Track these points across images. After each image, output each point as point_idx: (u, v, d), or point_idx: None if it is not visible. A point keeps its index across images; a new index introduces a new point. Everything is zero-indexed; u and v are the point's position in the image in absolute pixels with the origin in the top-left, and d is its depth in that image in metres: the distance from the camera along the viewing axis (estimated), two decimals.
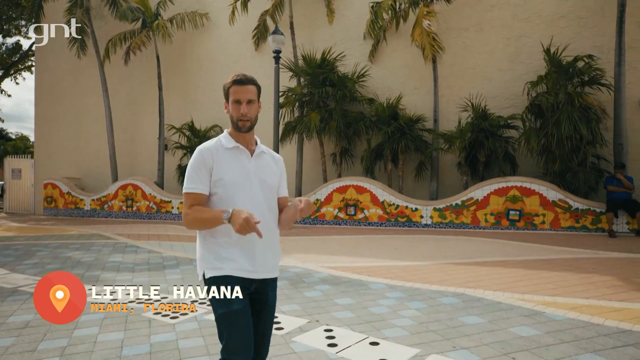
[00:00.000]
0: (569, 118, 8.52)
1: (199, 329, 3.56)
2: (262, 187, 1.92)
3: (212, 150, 1.87)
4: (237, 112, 1.89)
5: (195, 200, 1.84)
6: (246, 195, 1.86)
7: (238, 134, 1.94)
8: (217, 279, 1.80)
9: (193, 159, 1.88)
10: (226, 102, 1.95)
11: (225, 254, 1.83)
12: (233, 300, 1.77)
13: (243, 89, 1.89)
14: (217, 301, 1.78)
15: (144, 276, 5.48)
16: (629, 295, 4.49)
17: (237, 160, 1.90)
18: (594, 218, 8.89)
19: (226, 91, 1.93)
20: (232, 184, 1.85)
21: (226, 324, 1.76)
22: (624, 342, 3.27)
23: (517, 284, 5.00)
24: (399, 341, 3.29)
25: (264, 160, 1.99)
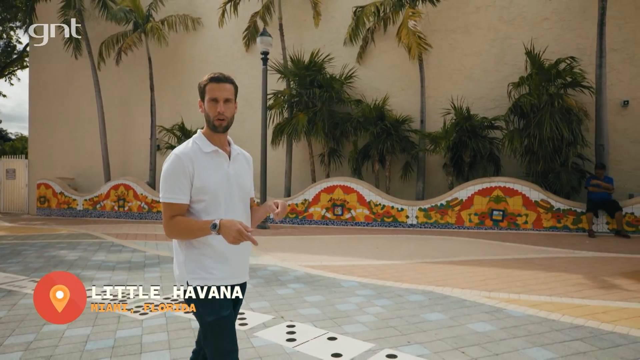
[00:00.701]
0: (550, 119, 8.63)
1: (166, 324, 3.67)
2: (240, 192, 1.89)
3: (191, 156, 1.78)
4: (213, 111, 1.81)
5: (175, 210, 1.76)
6: (227, 201, 1.82)
7: (213, 135, 1.86)
8: (202, 289, 1.78)
9: (171, 165, 1.77)
10: (201, 100, 1.86)
11: (210, 263, 1.80)
12: (222, 307, 1.77)
13: (220, 87, 1.82)
14: (205, 309, 1.76)
15: (122, 275, 5.59)
16: (591, 293, 4.61)
17: (217, 165, 1.83)
18: (575, 218, 9.01)
19: (202, 89, 1.84)
20: (215, 191, 1.79)
21: (216, 330, 1.75)
22: (573, 337, 3.38)
23: (487, 282, 5.11)
24: (357, 336, 3.40)
25: (240, 163, 1.94)
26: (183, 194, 1.76)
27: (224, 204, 1.80)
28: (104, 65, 14.92)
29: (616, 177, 9.63)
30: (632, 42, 9.58)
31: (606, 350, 3.13)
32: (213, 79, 1.83)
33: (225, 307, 1.78)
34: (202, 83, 1.85)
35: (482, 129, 10.11)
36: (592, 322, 3.72)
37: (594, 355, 3.03)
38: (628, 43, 9.62)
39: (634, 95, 9.58)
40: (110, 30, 14.79)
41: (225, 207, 1.81)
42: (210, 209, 1.78)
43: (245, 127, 13.33)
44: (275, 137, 11.63)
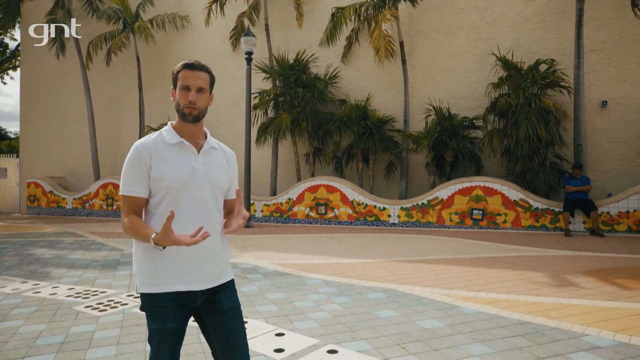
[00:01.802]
0: (526, 119, 8.72)
1: (122, 320, 3.75)
2: (211, 188, 1.73)
3: (149, 147, 1.66)
4: (184, 99, 1.68)
5: (131, 204, 1.66)
6: (191, 198, 1.67)
7: (184, 126, 1.72)
8: (152, 297, 1.66)
9: (128, 157, 1.66)
10: (173, 88, 1.73)
11: (158, 268, 1.65)
12: (167, 319, 1.65)
13: (194, 75, 1.68)
14: (151, 317, 1.67)
15: (93, 273, 5.67)
16: (548, 290, 4.70)
17: (181, 158, 1.68)
18: (552, 217, 9.10)
19: (174, 76, 1.71)
20: (175, 185, 1.65)
21: (157, 340, 1.66)
22: (516, 333, 3.46)
23: (451, 280, 5.19)
24: (305, 333, 3.49)
25: (213, 157, 1.77)
26: (138, 187, 1.64)
27: (190, 198, 1.67)
28: (93, 65, 15.03)
29: (595, 177, 9.73)
30: (610, 43, 9.66)
31: (543, 345, 3.21)
32: (187, 66, 1.70)
33: (170, 319, 1.65)
34: (175, 70, 1.72)
35: (462, 129, 10.19)
36: (540, 318, 3.81)
37: (529, 350, 3.12)
38: (607, 44, 9.70)
39: (612, 96, 9.67)
40: (100, 31, 14.87)
41: (189, 204, 1.66)
42: (171, 205, 1.64)
43: (233, 128, 13.42)
44: (260, 136, 11.70)
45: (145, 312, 1.69)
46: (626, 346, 3.19)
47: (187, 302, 1.68)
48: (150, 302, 1.66)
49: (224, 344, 1.73)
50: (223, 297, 1.76)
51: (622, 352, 3.08)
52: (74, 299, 4.43)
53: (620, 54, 9.60)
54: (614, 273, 5.52)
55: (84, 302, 4.28)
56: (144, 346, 3.18)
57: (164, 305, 1.65)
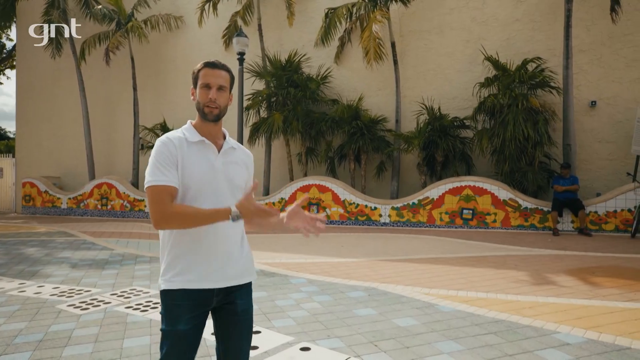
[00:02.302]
0: (514, 119, 8.77)
1: (102, 319, 3.80)
2: (231, 188, 1.72)
3: (175, 143, 1.63)
4: (204, 97, 1.67)
5: (167, 193, 1.57)
6: (212, 197, 1.65)
7: (204, 125, 1.71)
8: (168, 293, 1.63)
9: (158, 149, 1.62)
10: (193, 87, 1.72)
11: (178, 265, 1.63)
12: (180, 320, 1.60)
13: (214, 73, 1.68)
14: (163, 316, 1.63)
15: (80, 272, 5.72)
16: (527, 289, 4.75)
17: (203, 157, 1.67)
18: (541, 217, 9.16)
19: (195, 75, 1.71)
20: (197, 184, 1.63)
21: (167, 341, 1.61)
22: (489, 330, 3.53)
23: (433, 279, 5.25)
24: (281, 331, 3.54)
25: (233, 157, 1.77)
26: (170, 176, 1.58)
27: (210, 197, 1.65)
28: (88, 65, 15.09)
29: (584, 177, 9.80)
30: (599, 43, 9.72)
31: (513, 342, 3.27)
32: (208, 64, 1.69)
33: (183, 319, 1.60)
34: (195, 68, 1.72)
35: (453, 129, 10.25)
36: (515, 317, 3.87)
37: (499, 348, 3.18)
38: (596, 44, 9.75)
39: (601, 96, 9.73)
40: (95, 31, 14.91)
41: (213, 200, 1.64)
42: (192, 201, 1.63)
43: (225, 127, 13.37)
44: (252, 136, 11.76)
45: (161, 312, 1.65)
46: (594, 343, 3.25)
47: (202, 303, 1.65)
48: (165, 299, 1.63)
49: (228, 344, 1.71)
50: (238, 298, 1.73)
51: (589, 349, 3.14)
52: (58, 297, 4.48)
53: (609, 54, 9.66)
54: (594, 272, 5.58)
55: (67, 301, 4.34)
56: (121, 344, 3.24)
57: (178, 303, 1.61)
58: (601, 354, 3.06)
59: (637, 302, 4.26)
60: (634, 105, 9.35)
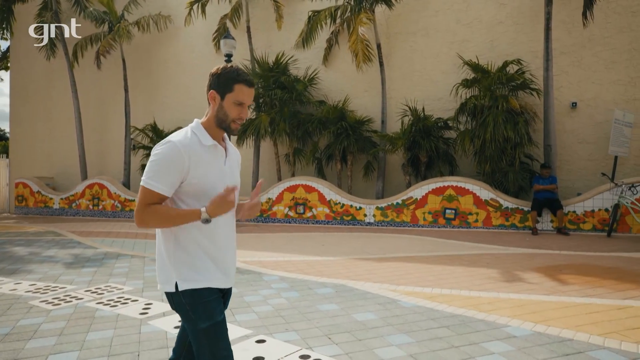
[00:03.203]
0: (493, 121, 8.91)
1: (71, 313, 3.93)
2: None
3: (189, 148, 1.62)
4: (236, 114, 1.69)
5: (155, 200, 1.60)
6: None
7: (215, 130, 1.73)
8: (196, 292, 1.66)
9: (166, 154, 1.59)
10: (217, 93, 1.69)
11: (201, 265, 1.68)
12: (215, 312, 1.67)
13: (250, 92, 1.71)
14: (199, 315, 1.64)
15: (60, 269, 5.85)
16: (492, 286, 4.88)
17: (215, 161, 1.71)
18: (522, 216, 9.29)
19: (227, 84, 1.68)
20: (210, 188, 1.67)
21: (212, 336, 1.64)
22: (442, 324, 3.66)
23: (403, 277, 5.38)
24: (242, 325, 3.67)
25: (233, 158, 1.85)
26: (169, 187, 1.60)
27: None
28: (81, 66, 15.23)
29: (565, 177, 9.93)
30: (580, 46, 9.86)
31: (462, 335, 3.40)
32: (247, 82, 1.69)
33: (219, 311, 1.68)
34: (229, 77, 1.68)
35: (436, 130, 10.38)
36: (472, 311, 4.00)
37: (447, 340, 3.31)
38: (576, 47, 9.89)
39: (582, 98, 9.87)
40: (87, 33, 15.02)
41: None
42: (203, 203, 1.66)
43: None
44: (240, 137, 11.89)
45: (190, 314, 1.65)
46: (540, 335, 3.38)
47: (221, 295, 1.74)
48: (194, 298, 1.64)
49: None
50: (229, 295, 1.86)
51: (532, 341, 3.27)
52: (33, 294, 4.61)
53: (589, 56, 9.80)
54: (562, 270, 5.71)
55: (41, 297, 4.47)
56: (84, 337, 3.36)
57: (210, 299, 1.66)
58: (542, 345, 3.19)
59: (592, 297, 4.40)
60: (613, 106, 9.49)
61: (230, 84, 1.67)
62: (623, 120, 8.88)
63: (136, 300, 4.39)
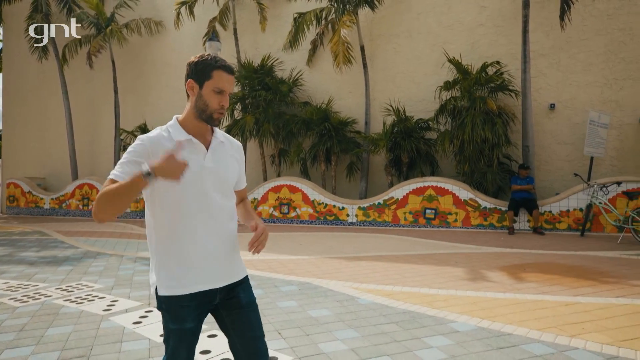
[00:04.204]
0: (471, 122, 9.06)
1: (37, 310, 4.07)
2: (221, 186, 1.69)
3: (156, 143, 1.58)
4: (216, 103, 1.62)
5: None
6: (198, 197, 1.64)
7: (195, 123, 1.66)
8: (171, 299, 1.62)
9: (133, 148, 1.58)
10: (195, 82, 1.62)
11: (178, 270, 1.63)
12: (186, 319, 1.63)
13: (230, 79, 1.63)
14: (170, 317, 1.64)
15: (37, 268, 5.99)
16: (453, 284, 5.02)
17: (189, 156, 1.60)
18: (499, 216, 9.44)
19: (205, 72, 1.61)
20: (180, 185, 1.58)
21: (175, 339, 1.64)
22: (392, 320, 3.79)
23: (369, 275, 5.52)
24: None
25: (222, 153, 1.72)
26: (125, 175, 1.53)
27: (196, 197, 1.63)
28: (72, 67, 15.39)
29: (544, 177, 10.08)
30: (557, 48, 10.01)
31: (408, 330, 3.54)
32: (225, 67, 1.63)
33: (189, 319, 1.64)
34: (206, 64, 1.61)
35: (417, 131, 10.53)
36: (424, 308, 4.14)
37: (391, 335, 3.45)
38: (554, 49, 10.04)
39: (560, 99, 10.01)
40: (78, 34, 15.16)
41: (200, 200, 1.64)
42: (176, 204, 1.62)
43: None
44: None
45: (164, 312, 1.66)
46: (482, 330, 3.52)
47: (206, 301, 1.68)
48: (170, 303, 1.63)
49: (243, 337, 1.73)
50: (241, 292, 1.77)
51: (473, 335, 3.41)
52: (4, 292, 4.75)
53: (566, 58, 9.94)
54: (526, 268, 5.85)
55: (11, 295, 4.60)
56: (43, 332, 3.50)
57: (185, 305, 1.63)
58: (481, 339, 3.33)
59: (546, 294, 4.54)
60: (590, 108, 9.63)
61: (208, 71, 1.60)
62: (598, 121, 9.02)
63: (103, 298, 4.53)
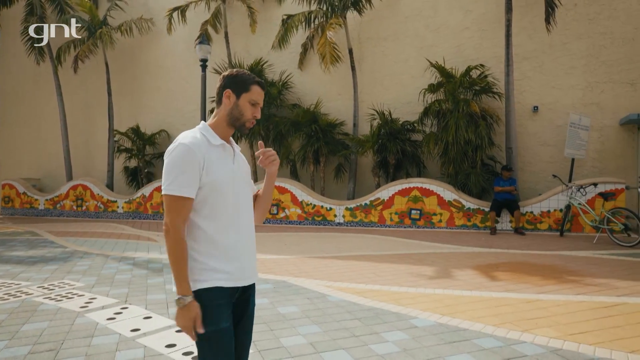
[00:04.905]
0: (455, 124, 9.22)
1: (16, 307, 4.23)
2: (245, 188, 1.79)
3: (201, 147, 1.65)
4: (251, 114, 1.76)
5: (184, 206, 1.60)
6: (232, 199, 1.70)
7: (225, 130, 1.77)
8: (204, 292, 1.62)
9: (180, 156, 1.61)
10: (233, 92, 1.74)
11: (211, 263, 1.65)
12: (222, 317, 1.62)
13: (262, 94, 1.79)
14: (206, 316, 1.60)
15: (22, 267, 6.15)
16: (424, 282, 5.17)
17: (224, 160, 1.71)
18: (483, 217, 9.60)
19: (244, 84, 1.74)
20: (220, 187, 1.66)
21: (213, 343, 1.61)
22: (356, 316, 3.95)
23: (345, 274, 5.67)
24: (172, 316, 3.96)
25: (239, 157, 1.84)
26: (190, 187, 1.60)
27: (231, 201, 1.70)
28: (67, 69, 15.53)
29: (528, 178, 10.24)
30: (540, 51, 10.17)
31: (369, 326, 3.70)
32: (261, 84, 1.79)
33: (224, 317, 1.63)
34: (245, 78, 1.76)
35: (404, 132, 10.69)
36: (390, 305, 4.29)
37: (351, 330, 3.61)
38: (538, 52, 10.21)
39: (543, 101, 10.18)
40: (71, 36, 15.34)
41: (233, 205, 1.70)
42: (213, 206, 1.67)
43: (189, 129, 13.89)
44: None
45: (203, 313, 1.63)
46: (440, 326, 3.68)
47: (232, 300, 1.70)
48: (204, 299, 1.61)
49: (243, 335, 1.79)
50: (251, 295, 1.82)
51: (429, 331, 3.57)
52: None
53: (549, 62, 10.11)
54: (499, 267, 6.01)
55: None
56: (18, 328, 3.66)
57: (219, 303, 1.63)
58: (436, 334, 3.49)
59: (510, 292, 4.69)
60: (572, 110, 9.79)
61: (247, 84, 1.74)
62: (579, 123, 9.18)
63: (82, 295, 4.69)
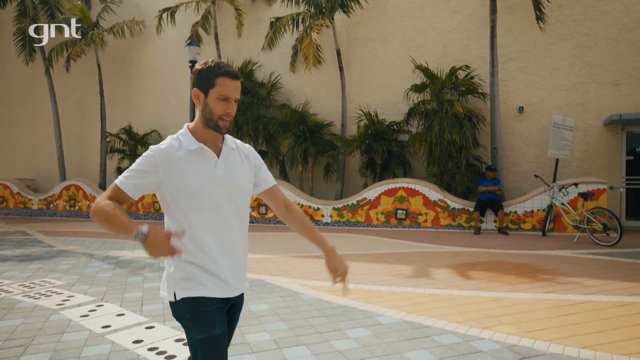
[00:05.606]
0: (439, 124, 9.32)
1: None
2: (233, 194, 1.66)
3: (164, 155, 1.58)
4: (222, 109, 1.59)
5: (118, 196, 1.56)
6: (211, 207, 1.60)
7: (205, 131, 1.64)
8: (195, 301, 1.57)
9: (143, 159, 1.59)
10: (200, 90, 1.61)
11: (201, 272, 1.59)
12: (215, 324, 1.57)
13: (235, 85, 1.60)
14: (196, 325, 1.56)
15: (6, 266, 6.24)
16: (398, 281, 5.26)
17: (201, 165, 1.60)
18: (467, 217, 9.70)
19: (209, 79, 1.59)
20: (195, 194, 1.57)
21: (206, 350, 1.55)
22: (324, 314, 4.04)
23: (321, 273, 5.74)
24: (145, 314, 4.05)
25: (234, 159, 1.69)
26: (136, 189, 1.57)
27: (206, 210, 1.60)
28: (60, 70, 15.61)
29: (513, 178, 10.35)
30: (526, 52, 10.28)
31: (334, 323, 3.79)
32: (229, 74, 1.59)
33: (218, 323, 1.59)
34: (210, 72, 1.59)
35: (390, 133, 10.79)
36: (359, 303, 4.38)
37: (317, 327, 3.70)
38: (523, 53, 10.31)
39: (528, 102, 10.28)
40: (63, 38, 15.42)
41: (208, 214, 1.61)
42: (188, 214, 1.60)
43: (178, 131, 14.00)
44: None
45: (187, 322, 1.59)
46: (403, 323, 3.77)
47: (223, 307, 1.65)
48: (193, 307, 1.57)
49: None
50: (240, 304, 1.79)
51: (392, 328, 3.66)
52: None
53: (534, 62, 10.21)
54: (475, 266, 6.11)
55: None
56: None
57: (210, 309, 1.58)
58: (398, 331, 3.59)
59: (481, 291, 4.78)
60: (557, 111, 9.89)
61: (211, 79, 1.58)
62: (563, 124, 9.28)
63: (61, 294, 4.78)
